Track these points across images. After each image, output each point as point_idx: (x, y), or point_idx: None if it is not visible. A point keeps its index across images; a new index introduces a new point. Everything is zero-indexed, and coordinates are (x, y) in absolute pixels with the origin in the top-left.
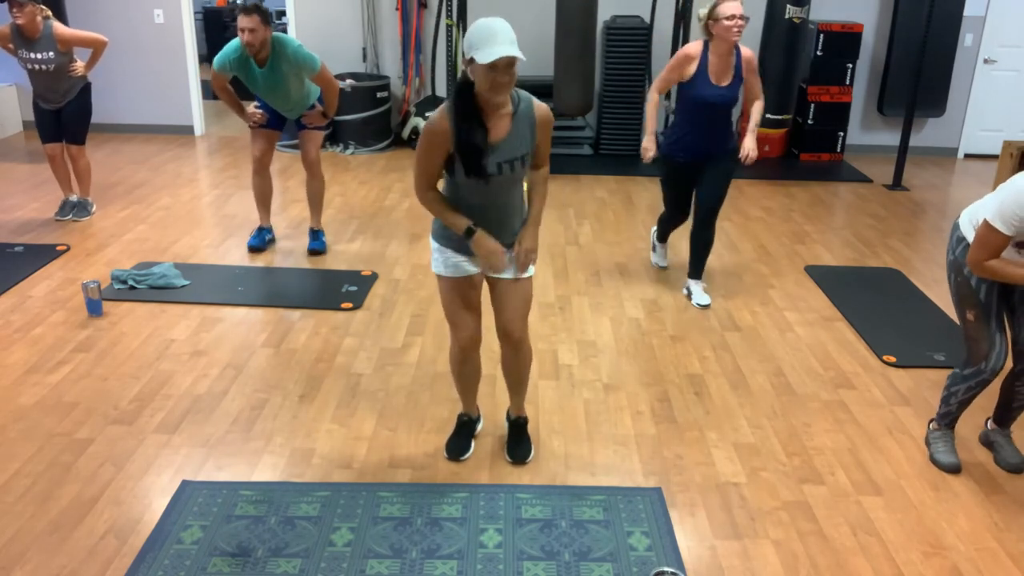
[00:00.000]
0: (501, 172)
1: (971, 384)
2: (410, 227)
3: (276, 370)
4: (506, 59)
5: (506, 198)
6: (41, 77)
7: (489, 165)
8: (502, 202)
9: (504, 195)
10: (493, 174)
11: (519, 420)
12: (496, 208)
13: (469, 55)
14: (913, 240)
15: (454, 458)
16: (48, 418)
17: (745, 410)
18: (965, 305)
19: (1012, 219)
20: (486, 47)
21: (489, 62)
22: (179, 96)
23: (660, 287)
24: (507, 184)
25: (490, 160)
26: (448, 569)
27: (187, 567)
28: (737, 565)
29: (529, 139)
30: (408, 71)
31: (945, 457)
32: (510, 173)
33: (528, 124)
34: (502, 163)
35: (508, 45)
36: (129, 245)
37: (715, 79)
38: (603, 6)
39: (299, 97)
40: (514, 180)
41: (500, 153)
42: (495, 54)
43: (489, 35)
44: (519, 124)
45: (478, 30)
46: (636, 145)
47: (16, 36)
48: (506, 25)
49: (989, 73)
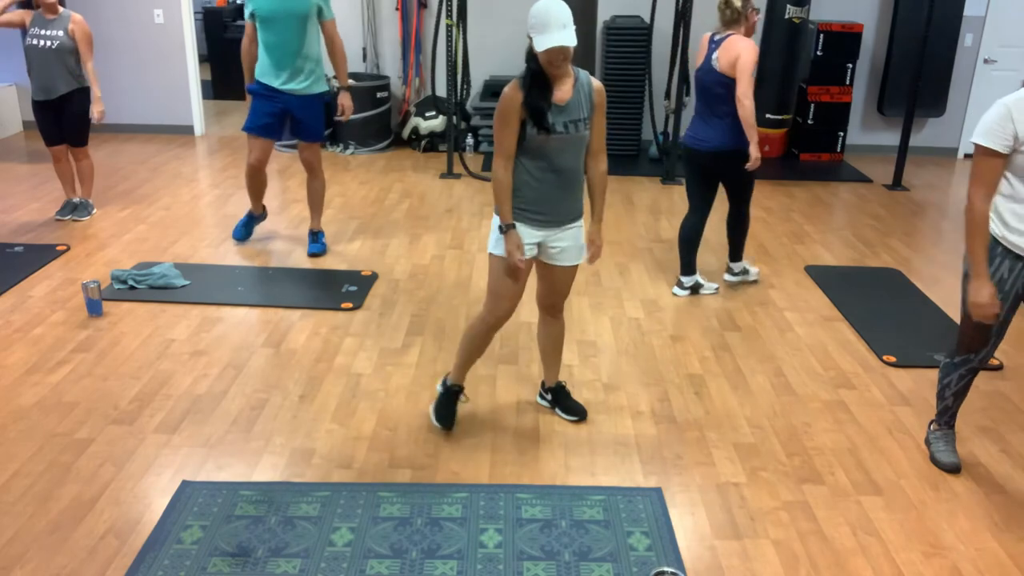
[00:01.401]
0: (567, 131)
1: (962, 372)
2: (410, 227)
3: (276, 370)
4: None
5: (572, 163)
6: (40, 55)
7: (556, 124)
8: (569, 167)
9: (570, 160)
10: (560, 132)
11: (562, 385)
12: (563, 173)
13: (530, 34)
14: (913, 240)
15: (448, 427)
16: (48, 418)
17: (745, 410)
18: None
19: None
20: (541, 33)
21: (541, 49)
22: (179, 96)
23: (660, 287)
24: (572, 147)
25: (556, 119)
26: (448, 569)
27: (187, 567)
28: (737, 565)
29: (587, 106)
30: (408, 71)
31: (945, 457)
32: (575, 132)
33: (587, 92)
34: (568, 122)
35: (559, 32)
36: (129, 245)
37: None
38: (603, 6)
39: (301, 45)
40: (578, 143)
41: (565, 113)
42: (546, 43)
43: (544, 20)
44: (579, 91)
45: (536, 14)
46: (636, 145)
47: (38, 19)
48: (560, 7)
49: (989, 73)
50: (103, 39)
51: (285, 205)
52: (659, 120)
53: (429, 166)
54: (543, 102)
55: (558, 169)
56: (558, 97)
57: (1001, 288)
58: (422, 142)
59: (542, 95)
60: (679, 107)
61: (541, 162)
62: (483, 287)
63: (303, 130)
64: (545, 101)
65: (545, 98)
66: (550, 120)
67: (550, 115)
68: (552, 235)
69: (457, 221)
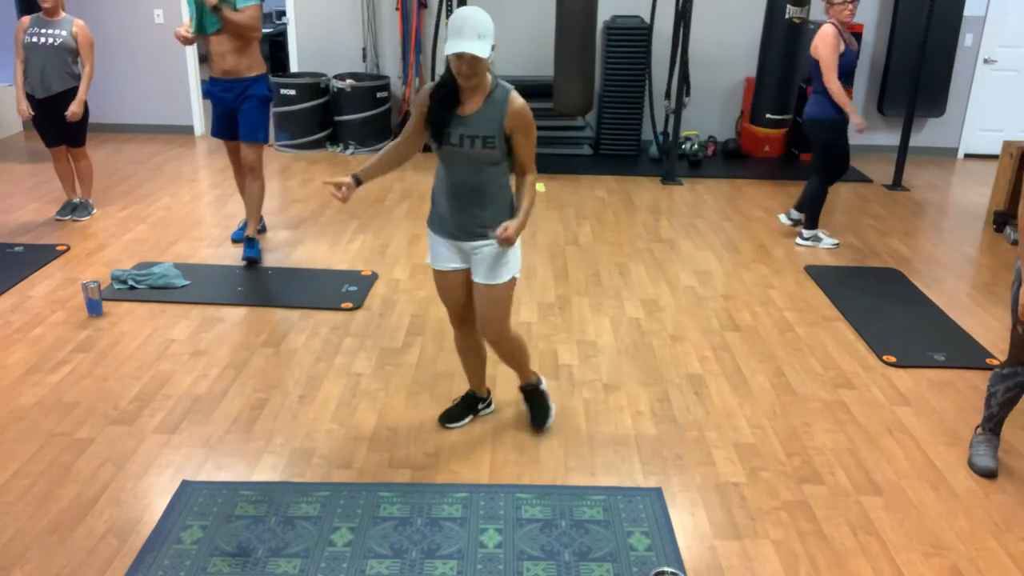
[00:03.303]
0: (462, 145)
1: (1009, 385)
2: (410, 227)
3: (276, 370)
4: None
5: (467, 178)
6: (39, 52)
7: (452, 135)
8: (462, 181)
9: (464, 174)
10: (455, 144)
11: (525, 387)
12: (456, 186)
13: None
14: (913, 240)
15: (442, 422)
16: (48, 418)
17: (745, 410)
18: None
19: None
20: (452, 38)
21: (447, 54)
22: (179, 96)
23: (660, 287)
24: (467, 162)
25: (454, 130)
26: (448, 569)
27: (187, 567)
28: (737, 565)
29: (497, 125)
30: (408, 71)
31: (982, 461)
32: (470, 148)
33: (499, 110)
34: (464, 136)
35: (468, 41)
36: (129, 245)
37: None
38: (603, 6)
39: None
40: (473, 159)
41: (465, 126)
42: (450, 48)
43: (460, 26)
44: (490, 106)
45: (453, 19)
46: (636, 145)
47: (36, 21)
48: (479, 17)
49: (989, 73)
50: (103, 39)
51: (285, 205)
52: (659, 120)
53: (429, 166)
54: (445, 111)
55: (452, 181)
56: (462, 109)
57: None
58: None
59: (446, 103)
60: (679, 107)
61: (441, 168)
62: None
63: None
64: (447, 110)
65: (448, 107)
66: (447, 129)
67: (450, 125)
68: (467, 247)
69: None
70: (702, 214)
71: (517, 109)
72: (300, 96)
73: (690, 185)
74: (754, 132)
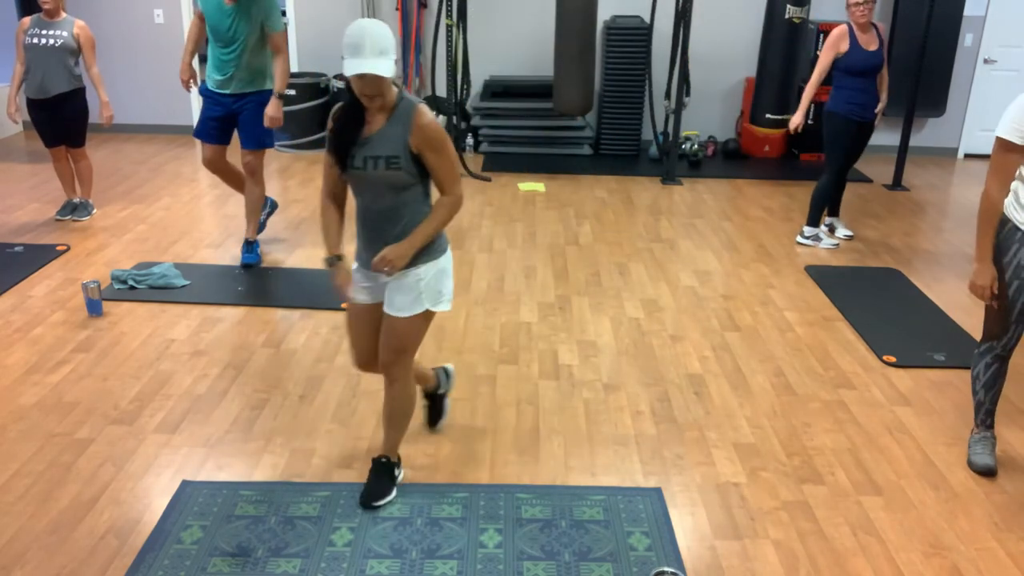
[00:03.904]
0: (365, 167)
1: (988, 360)
2: None
3: (276, 370)
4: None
5: (381, 205)
6: (39, 53)
7: (356, 157)
8: (376, 209)
9: (377, 201)
10: (359, 168)
11: (380, 459)
12: (369, 212)
13: (343, 56)
14: (913, 240)
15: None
16: (48, 418)
17: (745, 410)
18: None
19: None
20: (352, 56)
21: (349, 75)
22: (179, 96)
23: (660, 287)
24: (374, 185)
25: (358, 153)
26: (448, 569)
27: (187, 567)
28: (737, 565)
29: (401, 143)
30: (408, 71)
31: (980, 459)
32: (374, 171)
33: (403, 127)
34: (367, 157)
35: (370, 59)
36: (129, 245)
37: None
38: (603, 6)
39: (243, 55)
40: (379, 181)
41: (368, 147)
42: (352, 69)
43: (358, 43)
44: (394, 124)
45: (349, 35)
46: (636, 145)
47: (36, 22)
48: (379, 31)
49: (989, 73)
50: (103, 39)
51: (285, 205)
52: (659, 120)
53: None
54: (348, 133)
55: (363, 207)
56: (366, 129)
57: (1017, 275)
58: None
59: (349, 126)
60: (679, 107)
61: (357, 197)
62: (483, 287)
63: (242, 134)
64: (351, 132)
65: (352, 128)
66: (351, 152)
67: (353, 147)
68: (383, 277)
69: (457, 221)
70: (702, 214)
71: (421, 124)
72: (300, 96)
73: (690, 185)
74: (754, 132)
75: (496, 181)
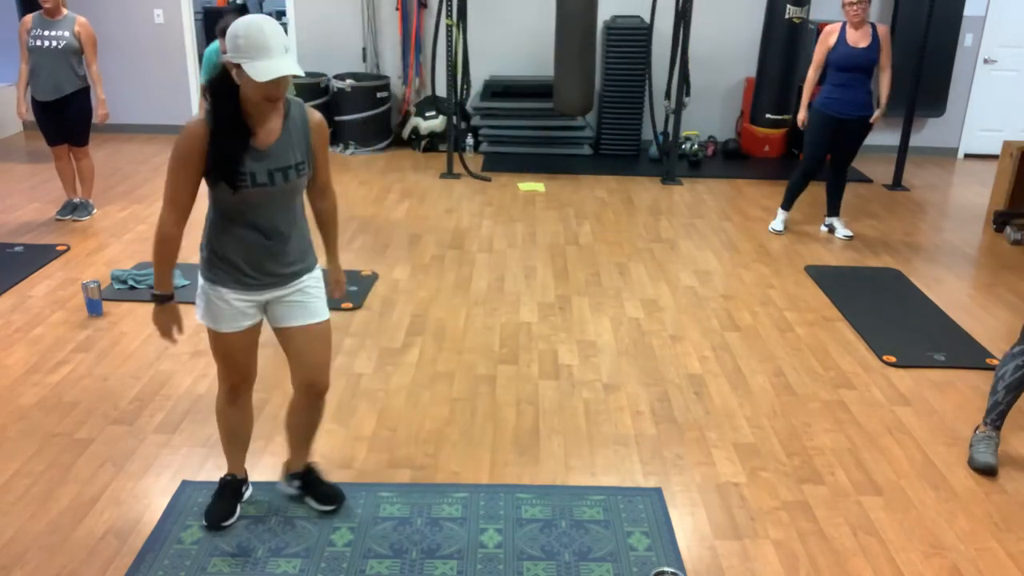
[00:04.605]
0: (274, 182)
1: (1019, 363)
2: (410, 227)
3: (276, 370)
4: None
5: (283, 220)
6: (44, 56)
7: (258, 174)
8: (278, 227)
9: (279, 217)
10: (264, 184)
11: (312, 467)
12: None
13: (236, 60)
14: (913, 240)
15: (215, 525)
16: (48, 418)
17: (745, 410)
18: None
19: None
20: (260, 59)
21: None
22: (179, 96)
23: (660, 287)
24: (280, 201)
25: (257, 168)
26: (448, 569)
27: (187, 567)
28: (737, 565)
29: (305, 146)
30: (408, 71)
31: (982, 457)
32: (284, 183)
33: (301, 129)
34: (273, 171)
35: (284, 59)
36: (129, 245)
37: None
38: (603, 6)
39: None
40: (288, 194)
41: (270, 159)
42: (272, 72)
43: (262, 43)
44: (292, 128)
45: (248, 35)
46: (636, 145)
47: (38, 21)
48: (276, 26)
49: (989, 73)
50: (103, 39)
51: None
52: (659, 120)
53: (429, 166)
54: (238, 149)
55: (261, 228)
56: (260, 140)
57: None
58: (422, 142)
59: (238, 140)
60: (679, 107)
61: (240, 219)
62: (483, 287)
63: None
64: (242, 147)
65: (242, 144)
66: (247, 170)
67: (248, 164)
68: (277, 293)
69: (457, 221)
70: (702, 214)
71: (318, 121)
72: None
73: (690, 185)
74: (754, 132)
75: (496, 181)
